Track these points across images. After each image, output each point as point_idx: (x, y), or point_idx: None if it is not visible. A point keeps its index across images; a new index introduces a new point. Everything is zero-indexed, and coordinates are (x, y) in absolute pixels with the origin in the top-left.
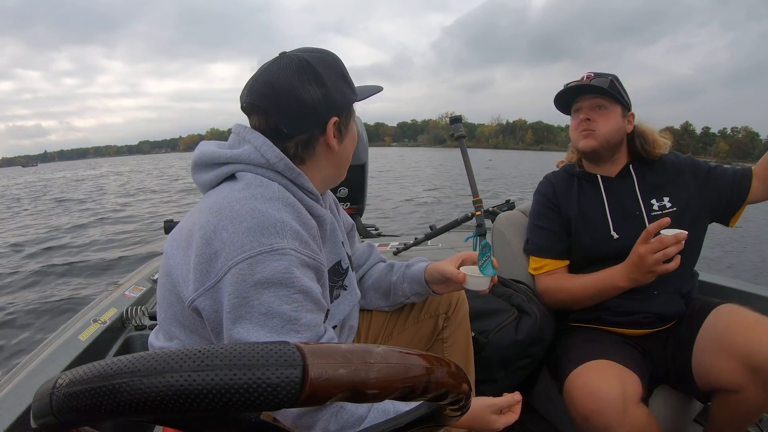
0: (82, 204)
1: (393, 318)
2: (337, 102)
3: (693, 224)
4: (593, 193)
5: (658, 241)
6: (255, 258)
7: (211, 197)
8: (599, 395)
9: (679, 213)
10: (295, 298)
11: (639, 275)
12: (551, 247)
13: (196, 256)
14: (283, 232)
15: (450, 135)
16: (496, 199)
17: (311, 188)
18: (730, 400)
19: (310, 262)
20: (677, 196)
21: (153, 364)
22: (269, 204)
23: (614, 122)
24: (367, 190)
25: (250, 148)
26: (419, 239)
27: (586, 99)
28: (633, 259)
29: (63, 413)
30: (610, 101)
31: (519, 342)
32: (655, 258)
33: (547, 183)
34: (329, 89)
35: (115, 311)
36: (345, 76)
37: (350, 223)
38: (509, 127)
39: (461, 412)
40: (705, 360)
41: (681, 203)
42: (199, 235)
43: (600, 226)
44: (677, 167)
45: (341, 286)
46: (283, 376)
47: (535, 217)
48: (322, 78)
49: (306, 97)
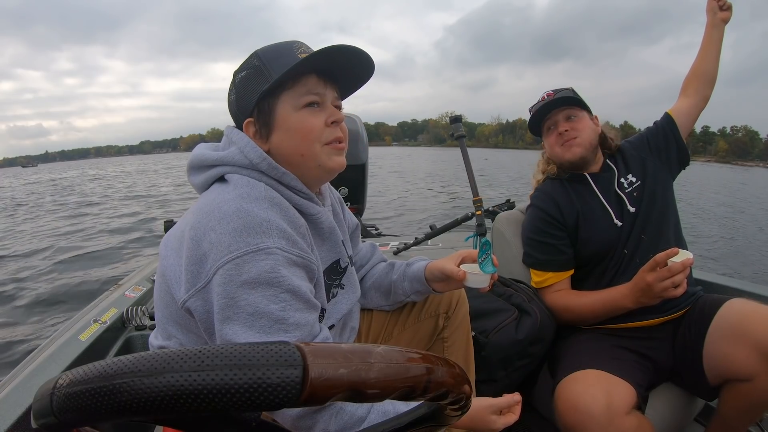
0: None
1: (393, 318)
2: (244, 102)
3: (659, 185)
4: (587, 192)
5: (666, 270)
6: (241, 258)
7: (202, 199)
8: (582, 408)
9: (642, 184)
10: (283, 297)
11: (646, 300)
12: (553, 260)
13: (186, 258)
14: (269, 231)
15: (450, 135)
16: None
17: (299, 186)
18: (740, 390)
19: (298, 260)
20: (637, 170)
21: (153, 364)
22: (255, 204)
23: (588, 126)
24: (367, 189)
25: (235, 150)
26: (419, 239)
27: (556, 113)
28: (641, 285)
29: (64, 413)
30: (579, 109)
31: (519, 342)
32: (662, 286)
33: (545, 197)
34: (238, 93)
35: (115, 311)
36: (257, 67)
37: (354, 223)
38: (509, 127)
39: (461, 412)
40: (718, 349)
41: (641, 174)
42: (189, 236)
43: (603, 219)
44: (631, 149)
45: (339, 285)
46: (284, 376)
47: (534, 231)
48: (236, 83)
49: (231, 108)
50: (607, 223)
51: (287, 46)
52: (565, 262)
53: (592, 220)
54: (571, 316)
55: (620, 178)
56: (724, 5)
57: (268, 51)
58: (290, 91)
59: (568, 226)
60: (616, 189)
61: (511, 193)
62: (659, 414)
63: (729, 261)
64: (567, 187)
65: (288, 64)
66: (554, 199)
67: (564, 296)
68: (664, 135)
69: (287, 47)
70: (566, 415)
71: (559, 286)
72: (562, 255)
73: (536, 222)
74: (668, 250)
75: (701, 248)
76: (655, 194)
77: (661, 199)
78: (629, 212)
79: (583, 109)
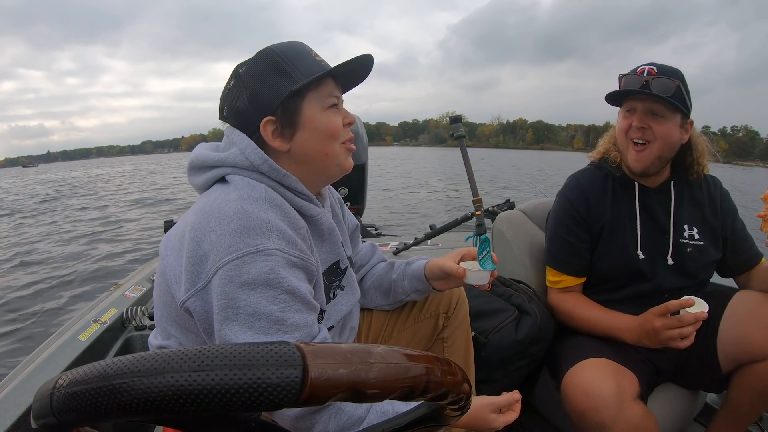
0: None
1: (393, 318)
2: (264, 100)
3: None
4: (626, 202)
5: (676, 320)
6: (241, 259)
7: (202, 199)
8: (594, 392)
9: (705, 246)
10: (282, 298)
11: (648, 342)
12: (571, 264)
13: (186, 258)
14: (269, 232)
15: (450, 135)
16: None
17: (300, 188)
18: (755, 372)
19: (298, 262)
20: (706, 227)
21: (153, 364)
22: (255, 205)
23: (671, 134)
24: (367, 189)
25: (236, 151)
26: (419, 239)
27: (643, 99)
28: (646, 327)
29: (63, 413)
30: (672, 109)
31: (519, 342)
32: (669, 335)
33: (578, 188)
34: (254, 90)
35: (115, 311)
36: (279, 66)
37: (354, 224)
38: (509, 127)
39: (461, 412)
40: (734, 333)
41: (706, 236)
42: (189, 236)
43: (627, 241)
44: (712, 196)
45: (338, 286)
46: (284, 376)
47: (559, 225)
48: (247, 81)
49: (238, 105)
50: (627, 249)
51: (301, 47)
52: (582, 269)
53: (614, 237)
54: (570, 322)
55: (683, 223)
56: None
57: (288, 51)
58: (315, 92)
59: (593, 231)
60: (671, 227)
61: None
62: (659, 414)
63: None
64: (610, 183)
65: (310, 65)
66: (586, 195)
67: (570, 301)
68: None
69: (302, 49)
70: (577, 400)
71: (570, 289)
72: (581, 260)
73: (561, 215)
74: (683, 299)
75: None
76: (704, 266)
77: (706, 272)
78: (666, 264)
79: (678, 111)
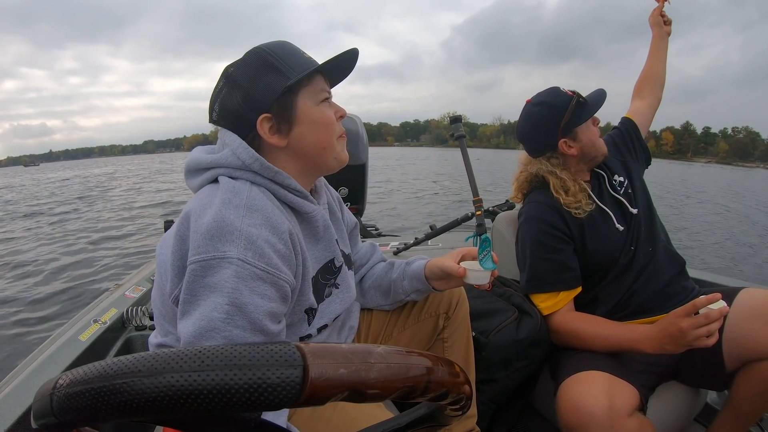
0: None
1: (393, 318)
2: (259, 98)
3: (641, 181)
4: (584, 195)
5: (703, 317)
6: (206, 262)
7: (192, 200)
8: (585, 409)
9: (631, 183)
10: (226, 309)
11: (672, 347)
12: (562, 279)
13: (173, 254)
14: (237, 240)
15: (450, 135)
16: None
17: (293, 185)
18: (759, 371)
19: (262, 275)
20: (620, 169)
21: (153, 364)
22: (233, 211)
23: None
24: (367, 189)
25: (228, 152)
26: (419, 239)
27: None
28: (671, 331)
29: (64, 413)
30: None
31: (519, 342)
32: (697, 333)
33: (549, 210)
34: (248, 89)
35: (115, 311)
36: (271, 64)
37: (353, 222)
38: (510, 127)
39: (462, 412)
40: (740, 330)
41: (626, 173)
42: (176, 235)
43: (607, 223)
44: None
45: (333, 285)
46: (284, 376)
47: (541, 249)
48: (239, 81)
49: (231, 105)
50: (610, 229)
51: (289, 46)
52: (574, 279)
53: (596, 227)
54: (580, 343)
55: (611, 179)
56: (667, 20)
57: (278, 49)
58: (307, 88)
59: (575, 237)
60: (610, 191)
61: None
62: (659, 414)
63: (730, 262)
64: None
65: (301, 62)
66: (556, 208)
67: (576, 320)
68: (629, 137)
69: (291, 47)
70: (568, 415)
71: (567, 308)
72: (570, 272)
73: (540, 237)
74: (710, 295)
75: (700, 248)
76: (643, 191)
77: (646, 194)
78: (631, 214)
79: None
